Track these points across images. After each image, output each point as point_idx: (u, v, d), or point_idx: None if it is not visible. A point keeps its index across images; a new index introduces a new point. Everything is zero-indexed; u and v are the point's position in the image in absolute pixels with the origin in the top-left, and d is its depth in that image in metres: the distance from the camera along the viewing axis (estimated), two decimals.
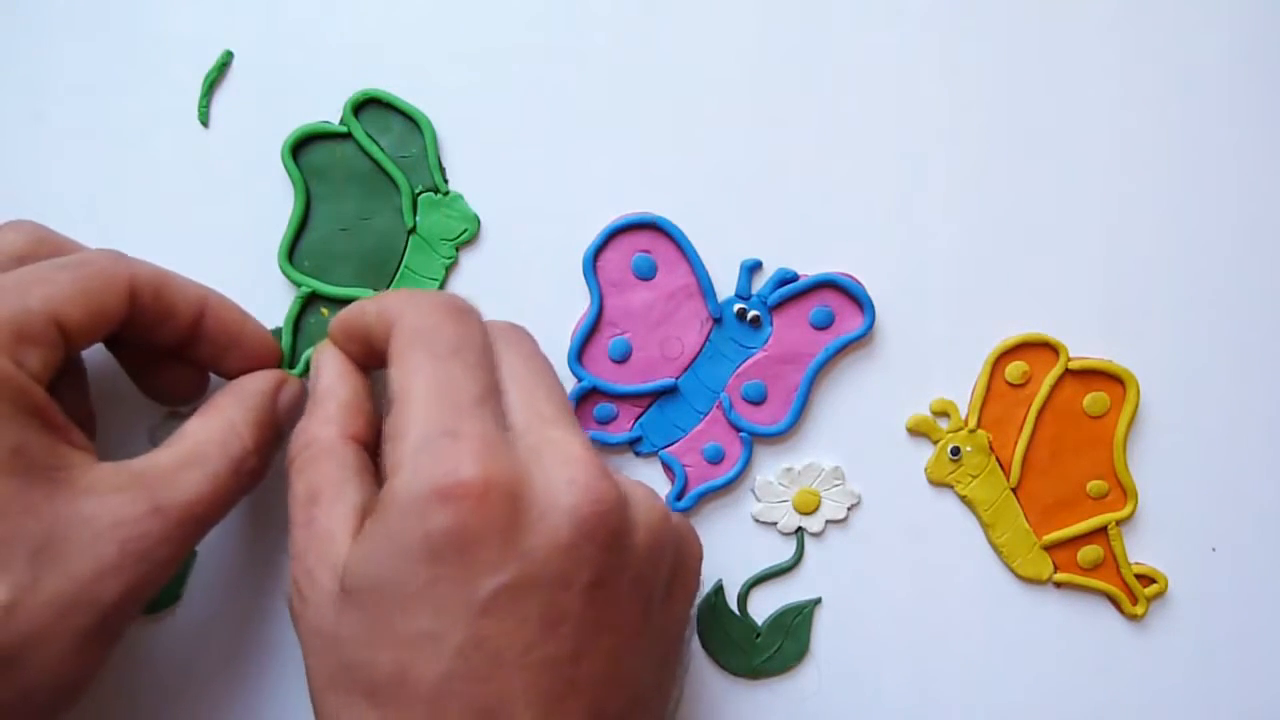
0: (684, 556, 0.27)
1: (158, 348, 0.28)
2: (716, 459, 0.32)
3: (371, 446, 0.27)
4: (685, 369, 0.32)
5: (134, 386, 0.30)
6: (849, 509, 0.33)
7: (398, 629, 0.22)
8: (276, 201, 0.31)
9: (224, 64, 0.31)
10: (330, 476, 0.25)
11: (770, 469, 0.33)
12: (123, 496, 0.24)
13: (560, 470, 0.23)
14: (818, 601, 0.33)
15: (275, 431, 0.28)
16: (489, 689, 0.22)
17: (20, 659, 0.22)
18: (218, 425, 0.26)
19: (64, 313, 0.24)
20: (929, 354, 0.32)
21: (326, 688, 0.23)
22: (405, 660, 0.22)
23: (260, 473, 0.28)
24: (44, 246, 0.27)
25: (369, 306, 0.27)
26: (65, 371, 0.26)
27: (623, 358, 0.32)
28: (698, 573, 0.28)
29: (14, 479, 0.23)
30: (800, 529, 0.33)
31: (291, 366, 0.32)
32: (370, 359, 0.28)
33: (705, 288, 0.32)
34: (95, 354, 0.30)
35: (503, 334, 0.27)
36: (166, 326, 0.28)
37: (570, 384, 0.32)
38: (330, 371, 0.27)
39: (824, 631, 0.33)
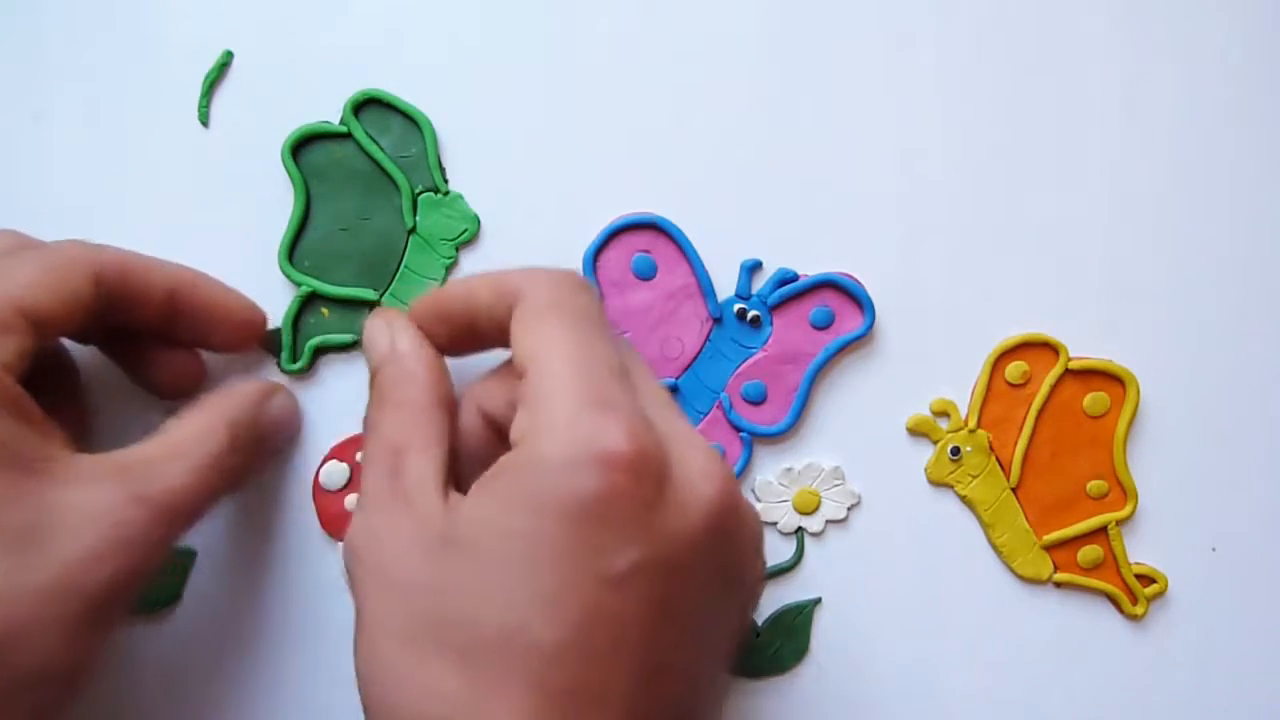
0: (763, 560, 0.27)
1: (141, 332, 0.29)
2: None
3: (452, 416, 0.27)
4: (685, 369, 0.32)
5: (135, 393, 0.30)
6: (849, 509, 0.33)
7: (516, 588, 0.21)
8: (276, 201, 0.31)
9: (224, 64, 0.31)
10: (421, 429, 0.25)
11: (770, 469, 0.33)
12: (104, 486, 0.24)
13: (697, 459, 0.23)
14: (818, 601, 0.33)
15: (257, 436, 0.28)
16: (599, 667, 0.21)
17: (7, 647, 0.22)
18: (199, 423, 0.27)
19: (29, 300, 0.25)
20: (929, 354, 0.32)
21: (403, 642, 0.22)
22: (517, 621, 0.21)
23: (241, 474, 0.28)
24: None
25: (479, 285, 0.26)
26: (47, 366, 0.26)
27: None
28: (764, 578, 0.28)
29: None
30: (800, 529, 0.33)
31: (294, 362, 0.32)
32: (462, 343, 0.28)
33: (705, 288, 0.32)
34: (94, 361, 0.30)
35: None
36: (142, 308, 0.28)
37: None
38: (409, 337, 0.27)
39: (824, 631, 0.33)
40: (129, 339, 0.29)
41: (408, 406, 0.26)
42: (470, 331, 0.27)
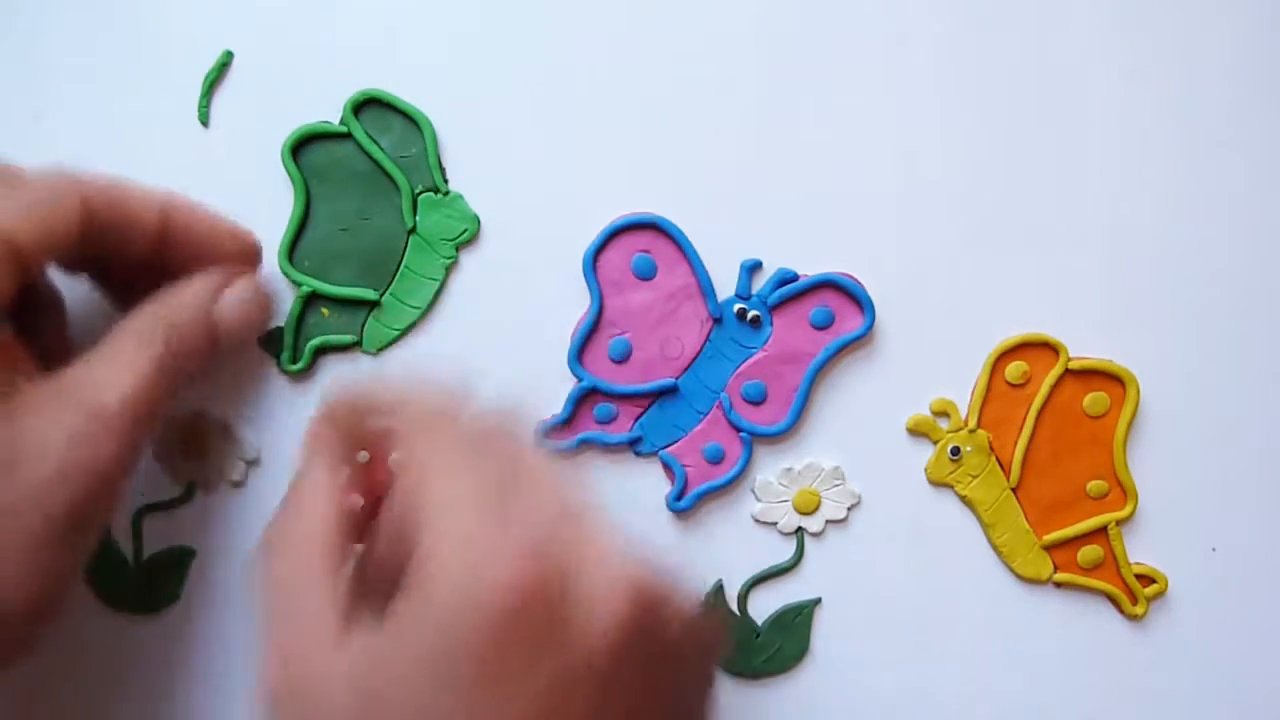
0: (711, 646, 0.27)
1: (131, 264, 0.28)
2: (716, 459, 0.32)
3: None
4: (685, 369, 0.32)
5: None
6: (849, 509, 0.33)
7: None
8: (276, 201, 0.31)
9: (224, 64, 0.31)
10: (317, 565, 0.24)
11: (770, 469, 0.33)
12: (58, 409, 0.24)
13: (598, 575, 0.23)
14: (818, 601, 0.33)
15: (206, 334, 0.28)
16: None
17: None
18: (138, 324, 0.27)
19: (13, 230, 0.24)
20: (929, 354, 0.32)
21: None
22: None
23: (189, 370, 0.27)
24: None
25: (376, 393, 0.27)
26: (31, 298, 0.26)
27: (623, 358, 0.32)
28: (717, 662, 0.27)
29: None
30: (800, 529, 0.33)
31: (294, 362, 0.32)
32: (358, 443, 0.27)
33: (705, 288, 0.32)
34: (83, 294, 0.30)
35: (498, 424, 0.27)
36: (130, 238, 0.27)
37: (570, 384, 0.32)
38: (322, 467, 0.26)
39: (824, 631, 0.33)
40: (119, 269, 0.28)
41: (303, 537, 0.25)
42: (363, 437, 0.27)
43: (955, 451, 0.32)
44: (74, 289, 0.30)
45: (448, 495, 0.23)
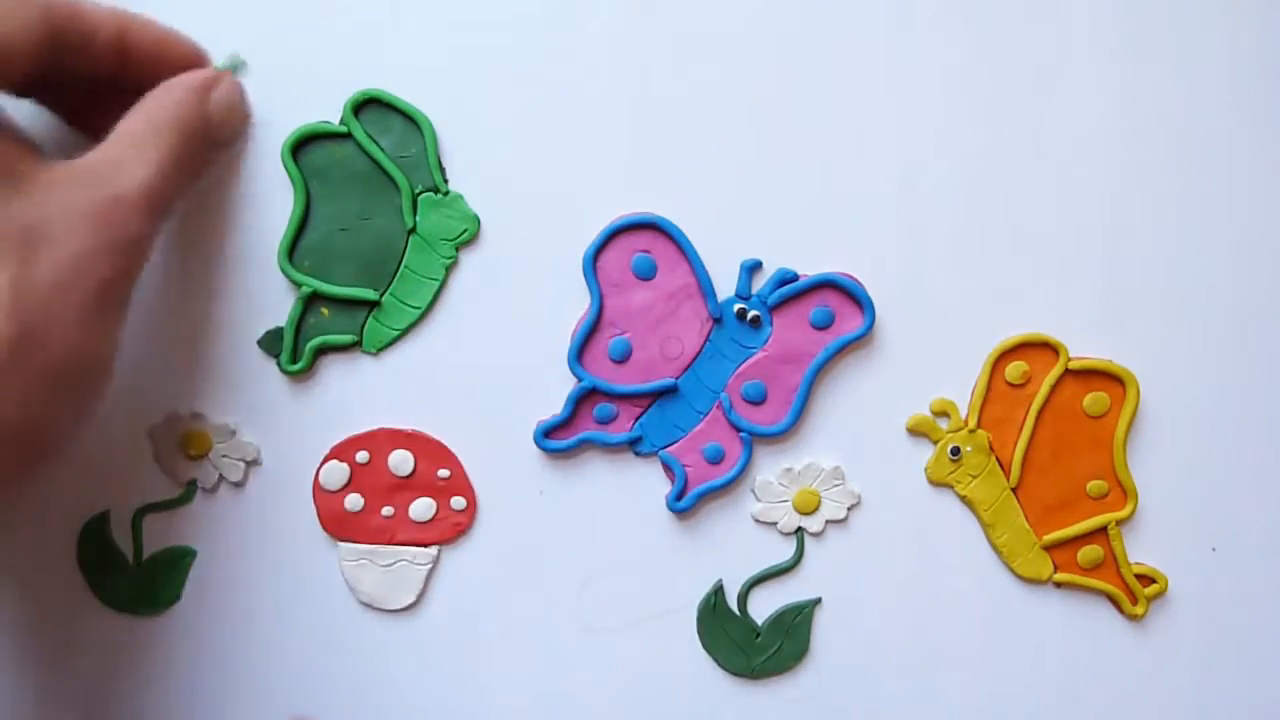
0: None
1: (88, 82, 0.28)
2: (716, 459, 0.32)
3: None
4: (685, 369, 0.32)
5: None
6: (849, 509, 0.33)
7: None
8: (276, 201, 0.31)
9: (235, 67, 0.31)
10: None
11: (770, 469, 0.33)
12: (83, 189, 0.26)
13: None
14: (818, 601, 0.33)
15: (206, 129, 0.29)
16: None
17: (38, 338, 0.24)
18: (151, 120, 0.27)
19: None
20: (929, 354, 0.32)
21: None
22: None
23: (199, 167, 0.29)
24: None
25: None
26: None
27: (623, 358, 0.32)
28: None
29: None
30: (800, 529, 0.33)
31: (294, 362, 0.32)
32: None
33: (705, 288, 0.32)
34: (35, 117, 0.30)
35: None
36: (92, 51, 0.28)
37: (570, 384, 0.32)
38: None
39: (824, 631, 0.33)
40: (75, 89, 0.29)
41: None
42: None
43: (955, 451, 0.32)
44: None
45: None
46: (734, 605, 0.33)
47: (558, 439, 0.32)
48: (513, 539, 0.33)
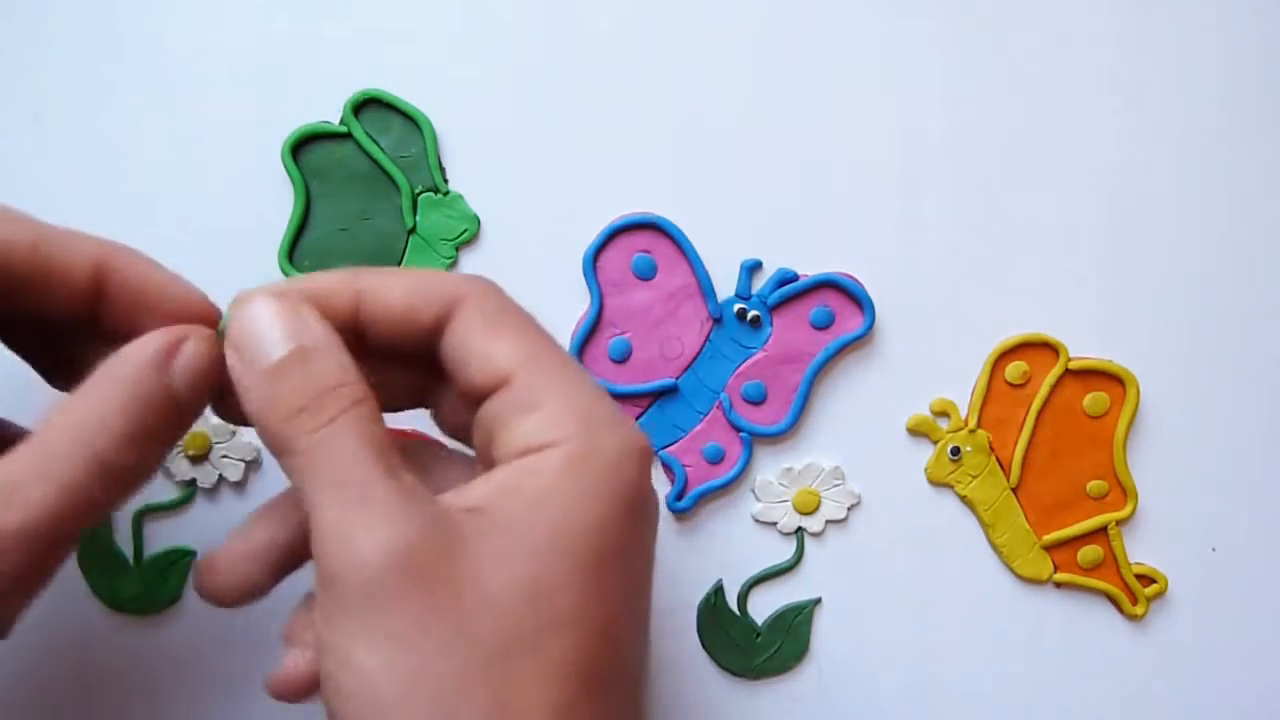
0: None
1: (59, 322, 0.23)
2: (716, 459, 0.32)
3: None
4: (685, 369, 0.32)
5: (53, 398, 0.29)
6: (849, 509, 0.33)
7: (609, 577, 0.21)
8: (276, 201, 0.31)
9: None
10: (378, 431, 0.21)
11: (770, 469, 0.33)
12: None
13: (616, 431, 0.23)
14: (818, 601, 0.33)
15: (166, 409, 0.22)
16: (643, 627, 0.23)
17: None
18: (80, 415, 0.21)
19: None
20: (929, 354, 0.32)
21: (500, 656, 0.20)
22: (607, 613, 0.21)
23: (144, 469, 0.22)
24: None
25: (391, 285, 0.23)
26: None
27: (623, 358, 0.32)
28: None
29: None
30: (800, 529, 0.33)
31: None
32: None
33: (705, 288, 0.32)
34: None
35: None
36: (59, 290, 0.23)
37: None
38: (318, 321, 0.22)
39: (824, 631, 0.33)
40: (44, 331, 0.24)
41: (366, 402, 0.21)
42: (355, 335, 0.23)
43: (955, 451, 0.32)
44: None
45: (567, 371, 0.22)
46: (734, 605, 0.33)
47: None
48: None
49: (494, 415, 0.22)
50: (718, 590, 0.33)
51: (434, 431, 0.26)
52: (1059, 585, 0.33)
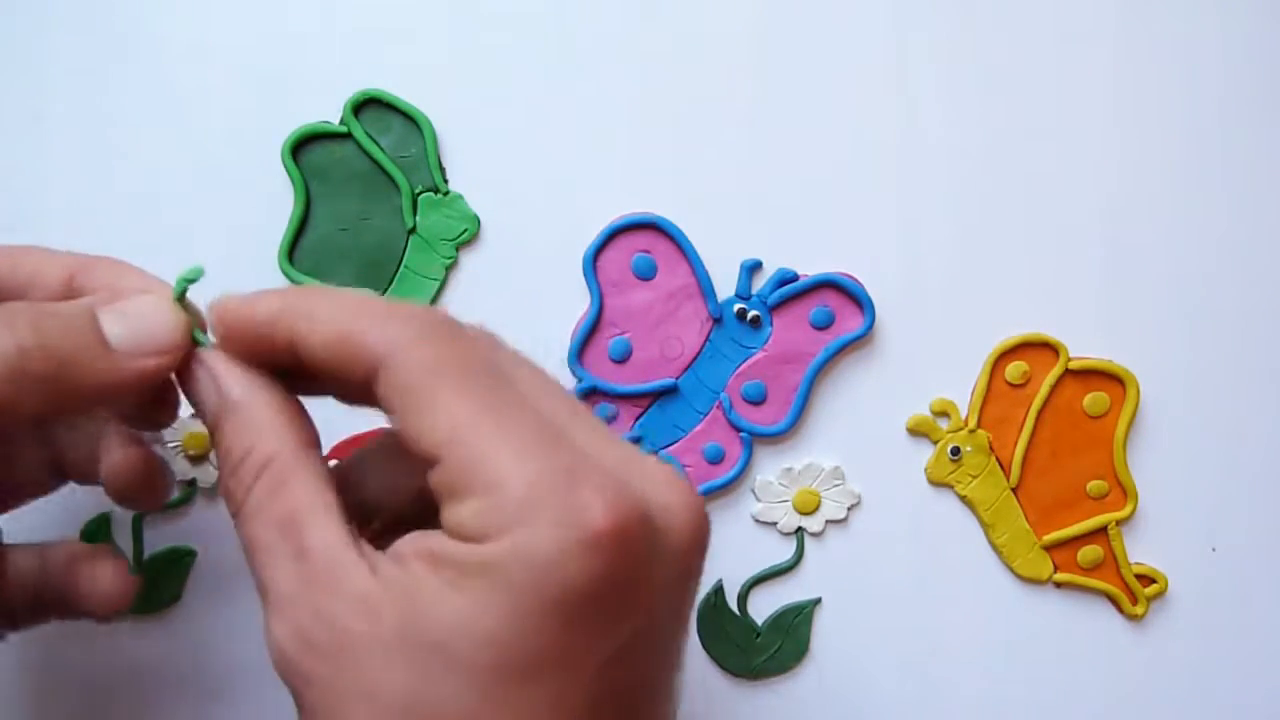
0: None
1: None
2: (716, 459, 0.32)
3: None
4: (685, 369, 0.32)
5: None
6: (849, 509, 0.33)
7: (514, 696, 0.19)
8: (276, 201, 0.31)
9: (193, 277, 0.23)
10: (307, 495, 0.20)
11: (770, 469, 0.33)
12: None
13: (666, 494, 0.20)
14: (818, 601, 0.33)
15: (92, 340, 0.21)
16: None
17: None
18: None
19: None
20: (929, 354, 0.32)
21: None
22: None
23: (67, 395, 0.21)
24: None
25: (316, 336, 0.21)
26: None
27: (623, 358, 0.32)
28: None
29: None
30: (800, 529, 0.33)
31: None
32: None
33: (705, 288, 0.32)
34: None
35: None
36: (35, 295, 0.23)
37: (570, 384, 0.32)
38: (241, 377, 0.22)
39: (824, 631, 0.33)
40: None
41: (275, 465, 0.21)
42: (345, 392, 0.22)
43: (955, 451, 0.32)
44: None
45: (500, 446, 0.19)
46: (734, 605, 0.33)
47: None
48: None
49: (433, 484, 0.20)
50: (718, 590, 0.33)
51: None
52: (1059, 585, 0.33)
